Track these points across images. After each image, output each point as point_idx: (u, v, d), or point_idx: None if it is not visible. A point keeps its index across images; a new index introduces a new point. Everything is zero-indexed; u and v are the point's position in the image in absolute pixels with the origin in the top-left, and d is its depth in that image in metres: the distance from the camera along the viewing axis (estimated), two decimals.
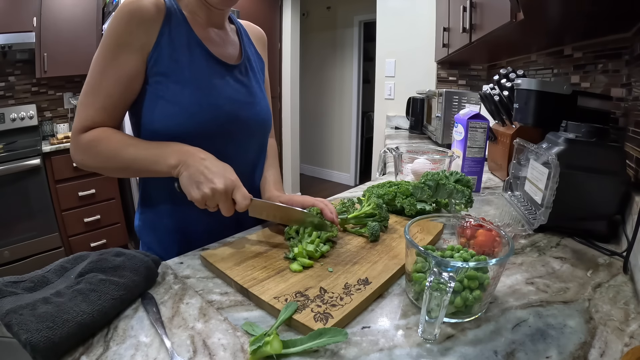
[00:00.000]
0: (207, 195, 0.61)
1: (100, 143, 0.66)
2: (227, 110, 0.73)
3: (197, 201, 0.62)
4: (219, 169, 0.63)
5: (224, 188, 0.61)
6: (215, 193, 0.61)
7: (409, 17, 2.66)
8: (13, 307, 0.43)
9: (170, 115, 0.68)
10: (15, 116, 2.56)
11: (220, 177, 0.61)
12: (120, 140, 0.67)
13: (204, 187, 0.61)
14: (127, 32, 0.65)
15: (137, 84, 0.68)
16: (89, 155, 0.68)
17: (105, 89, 0.66)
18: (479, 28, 1.25)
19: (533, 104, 0.96)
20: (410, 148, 1.25)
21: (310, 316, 0.46)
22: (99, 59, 0.66)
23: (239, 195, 0.63)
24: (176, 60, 0.69)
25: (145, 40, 0.66)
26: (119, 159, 0.66)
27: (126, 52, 0.65)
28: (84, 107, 0.67)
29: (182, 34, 0.70)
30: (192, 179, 0.62)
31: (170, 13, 0.69)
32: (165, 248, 0.77)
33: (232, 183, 0.62)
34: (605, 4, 0.70)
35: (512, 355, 0.42)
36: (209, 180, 0.61)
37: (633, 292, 0.55)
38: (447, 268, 0.43)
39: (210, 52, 0.73)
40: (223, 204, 0.62)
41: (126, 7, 0.64)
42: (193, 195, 0.61)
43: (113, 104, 0.67)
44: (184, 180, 0.63)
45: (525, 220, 0.82)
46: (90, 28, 2.64)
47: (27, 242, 2.33)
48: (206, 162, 0.63)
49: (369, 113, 4.28)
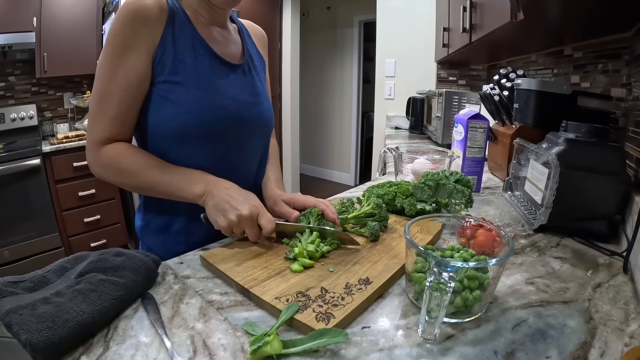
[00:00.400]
0: (233, 222, 0.63)
1: (122, 160, 0.67)
2: (231, 110, 0.73)
3: (224, 229, 0.64)
4: (243, 197, 0.65)
5: (249, 214, 0.63)
6: (241, 219, 0.63)
7: (409, 17, 2.66)
8: (13, 307, 0.43)
9: (174, 116, 0.68)
10: (15, 116, 2.56)
11: (244, 204, 0.64)
12: (142, 161, 0.67)
13: (230, 215, 0.63)
14: (132, 32, 0.64)
15: (146, 86, 0.67)
16: (110, 172, 0.68)
17: (117, 94, 0.65)
18: (479, 28, 1.25)
19: (533, 104, 0.96)
20: (410, 148, 1.25)
21: (312, 316, 0.46)
22: (106, 63, 0.65)
23: (264, 220, 0.64)
24: (180, 61, 0.68)
25: (150, 40, 0.65)
26: (142, 180, 0.68)
27: (134, 54, 0.64)
28: (99, 116, 0.66)
29: (186, 34, 0.69)
30: (217, 207, 0.64)
31: (173, 13, 0.68)
32: (166, 249, 0.77)
33: (256, 209, 0.65)
34: (605, 4, 0.70)
35: (512, 355, 0.42)
36: (233, 207, 0.63)
37: (633, 292, 0.55)
38: (447, 268, 0.43)
39: (214, 52, 0.73)
40: (249, 229, 0.64)
41: (130, 8, 0.63)
42: (220, 223, 0.64)
43: (127, 110, 0.67)
44: (209, 210, 0.65)
45: (525, 220, 0.82)
46: (90, 28, 2.64)
47: (27, 242, 2.33)
48: (230, 190, 0.66)
49: (369, 113, 4.28)
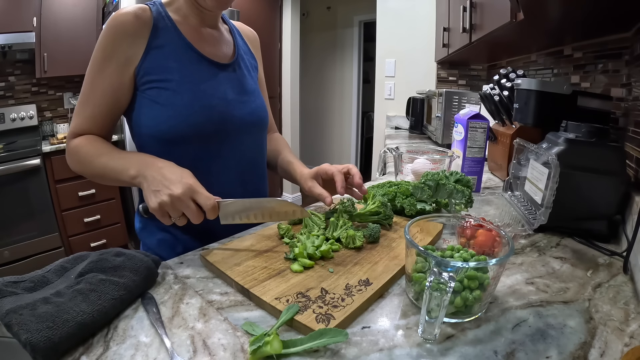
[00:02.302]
0: (165, 203, 0.58)
1: (81, 150, 0.70)
2: (220, 109, 0.74)
3: (156, 211, 0.59)
4: (177, 175, 0.60)
5: (180, 192, 0.57)
6: (173, 200, 0.57)
7: (409, 17, 2.66)
8: (13, 307, 0.43)
9: (164, 119, 0.70)
10: (15, 116, 2.56)
11: (177, 184, 0.58)
12: (96, 148, 0.69)
13: (161, 195, 0.58)
14: (111, 45, 0.68)
15: (124, 95, 0.71)
16: (73, 161, 0.72)
17: (93, 99, 0.70)
18: (479, 28, 1.25)
19: (533, 104, 0.96)
20: (410, 148, 1.25)
21: (312, 317, 0.46)
22: (89, 71, 0.70)
23: (201, 198, 0.59)
24: (167, 67, 0.70)
25: (130, 53, 0.69)
26: (95, 166, 0.69)
27: (112, 65, 0.68)
28: (76, 115, 0.72)
29: (172, 41, 0.72)
30: (150, 189, 0.60)
31: (158, 22, 0.71)
32: (166, 249, 0.77)
33: (189, 187, 0.58)
34: (605, 4, 0.70)
35: (512, 355, 0.42)
36: (165, 187, 0.58)
37: (633, 292, 0.55)
38: (447, 268, 0.43)
39: (201, 54, 0.74)
40: (186, 210, 0.58)
41: (111, 22, 0.68)
42: (151, 204, 0.59)
43: (100, 113, 0.71)
44: (144, 192, 0.61)
45: (525, 220, 0.82)
46: (90, 28, 2.64)
47: (27, 242, 2.33)
48: (163, 170, 0.61)
49: (369, 113, 4.27)
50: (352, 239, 0.65)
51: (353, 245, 0.65)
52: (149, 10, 0.71)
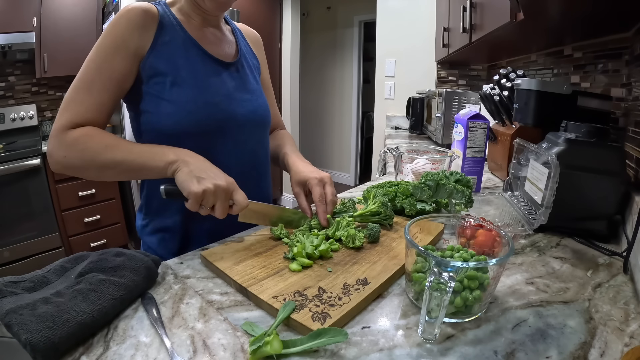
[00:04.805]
0: (209, 190, 0.60)
1: (91, 139, 0.65)
2: (223, 107, 0.75)
3: (197, 195, 0.59)
4: (219, 171, 0.64)
5: (226, 185, 0.62)
6: (218, 189, 0.61)
7: (409, 17, 2.66)
8: (13, 307, 0.43)
9: (168, 114, 0.70)
10: (15, 116, 2.56)
11: (221, 177, 0.63)
12: (111, 139, 0.68)
13: (207, 182, 0.60)
14: (122, 34, 0.68)
15: (128, 85, 0.71)
16: (74, 152, 0.65)
17: (98, 85, 0.67)
18: (479, 28, 1.25)
19: (533, 104, 0.96)
20: (410, 148, 1.25)
21: (308, 316, 0.46)
22: (94, 58, 0.68)
23: (240, 196, 0.64)
24: (173, 62, 0.71)
25: (140, 44, 0.69)
26: (108, 157, 0.65)
27: (122, 53, 0.68)
28: (73, 103, 0.67)
29: (177, 38, 0.73)
30: (192, 174, 0.61)
31: (163, 19, 0.72)
32: (166, 248, 0.77)
33: (232, 182, 0.63)
34: (605, 4, 0.70)
35: (512, 355, 0.42)
36: (211, 177, 0.61)
37: (633, 292, 0.55)
38: (447, 268, 0.43)
39: (205, 51, 0.75)
40: (221, 202, 0.62)
41: (123, 12, 0.68)
42: (193, 189, 0.59)
43: (108, 100, 0.69)
44: (183, 176, 0.61)
45: (525, 220, 0.82)
46: (90, 28, 2.64)
47: (27, 242, 2.33)
48: (207, 163, 0.65)
49: (369, 113, 4.28)
50: (352, 238, 0.65)
51: (352, 244, 0.65)
52: (155, 8, 0.72)
